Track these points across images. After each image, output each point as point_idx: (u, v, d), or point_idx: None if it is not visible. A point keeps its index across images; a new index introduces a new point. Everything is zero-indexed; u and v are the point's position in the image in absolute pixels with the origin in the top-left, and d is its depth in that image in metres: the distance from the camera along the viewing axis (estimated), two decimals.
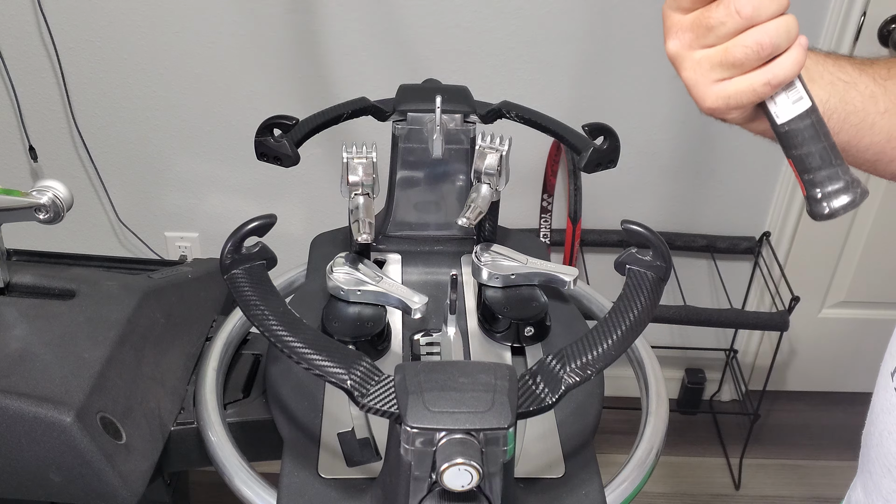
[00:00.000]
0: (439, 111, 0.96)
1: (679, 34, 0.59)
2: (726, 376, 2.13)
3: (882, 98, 0.63)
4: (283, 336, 0.67)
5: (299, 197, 1.82)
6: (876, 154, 0.64)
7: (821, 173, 0.58)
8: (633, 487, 0.80)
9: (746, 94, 0.57)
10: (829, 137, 0.58)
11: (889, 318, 2.00)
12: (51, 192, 0.92)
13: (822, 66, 0.62)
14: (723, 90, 0.58)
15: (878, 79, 0.63)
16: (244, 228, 0.73)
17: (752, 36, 0.55)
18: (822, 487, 1.94)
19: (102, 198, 1.82)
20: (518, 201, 1.81)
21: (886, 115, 0.63)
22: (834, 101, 0.62)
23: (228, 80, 1.67)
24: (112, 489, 0.82)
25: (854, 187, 0.57)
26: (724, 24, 0.55)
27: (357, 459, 0.75)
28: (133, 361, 0.93)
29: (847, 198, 0.57)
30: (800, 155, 0.58)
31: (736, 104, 0.58)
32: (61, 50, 1.62)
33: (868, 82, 0.63)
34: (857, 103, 0.62)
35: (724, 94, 0.58)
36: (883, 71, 0.64)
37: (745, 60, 0.55)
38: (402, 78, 1.09)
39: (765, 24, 0.54)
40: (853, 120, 0.63)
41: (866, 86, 0.62)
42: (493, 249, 0.99)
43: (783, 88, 0.57)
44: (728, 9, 0.54)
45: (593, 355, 0.65)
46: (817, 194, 0.58)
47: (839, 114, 0.62)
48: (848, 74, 0.63)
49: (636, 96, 1.69)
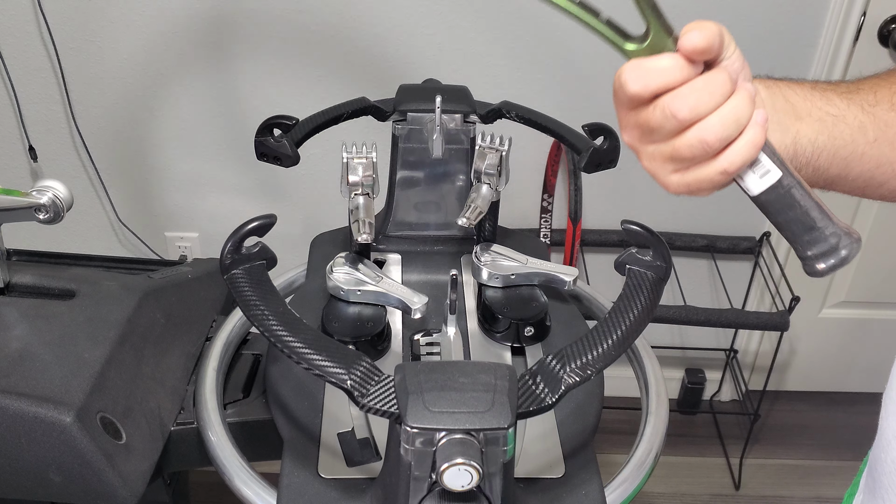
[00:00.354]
0: (439, 111, 0.96)
1: (629, 129, 0.58)
2: (726, 376, 2.13)
3: (871, 127, 0.61)
4: (283, 336, 0.67)
5: (299, 197, 1.82)
6: (866, 181, 0.63)
7: (805, 237, 0.57)
8: (633, 487, 0.80)
9: (705, 183, 0.56)
10: (810, 198, 0.56)
11: (889, 318, 2.01)
12: (51, 192, 0.92)
13: (809, 103, 0.61)
14: (682, 180, 0.57)
15: (865, 106, 0.62)
16: (244, 228, 0.73)
17: (694, 134, 0.53)
18: (822, 487, 1.94)
19: (102, 198, 1.82)
20: (518, 201, 1.81)
21: (875, 144, 0.61)
22: (823, 138, 0.60)
23: (228, 80, 1.67)
24: (112, 489, 0.82)
25: (844, 243, 0.56)
26: (663, 126, 0.54)
27: (357, 459, 0.76)
28: (133, 361, 0.93)
29: (837, 257, 0.56)
30: (780, 222, 0.57)
31: (698, 191, 0.57)
32: (61, 50, 1.62)
33: (857, 112, 0.61)
34: (847, 136, 0.61)
35: (683, 183, 0.57)
36: (870, 97, 0.62)
37: (694, 157, 0.54)
38: (402, 78, 1.09)
39: (708, 120, 0.53)
40: (842, 154, 0.61)
41: (855, 116, 0.61)
42: (493, 249, 0.99)
43: (748, 166, 0.56)
44: (664, 112, 0.53)
45: (593, 355, 0.65)
46: (808, 256, 0.57)
47: (828, 150, 0.61)
48: (836, 107, 0.61)
49: None
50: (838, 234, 0.56)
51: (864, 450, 0.74)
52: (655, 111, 0.54)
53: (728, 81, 0.53)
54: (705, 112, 0.53)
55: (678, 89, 0.53)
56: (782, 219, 0.57)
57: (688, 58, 0.53)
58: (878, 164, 0.62)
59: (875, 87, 0.63)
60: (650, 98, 0.54)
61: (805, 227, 0.56)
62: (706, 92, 0.53)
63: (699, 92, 0.53)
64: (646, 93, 0.54)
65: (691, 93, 0.53)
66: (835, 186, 0.63)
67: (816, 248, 0.56)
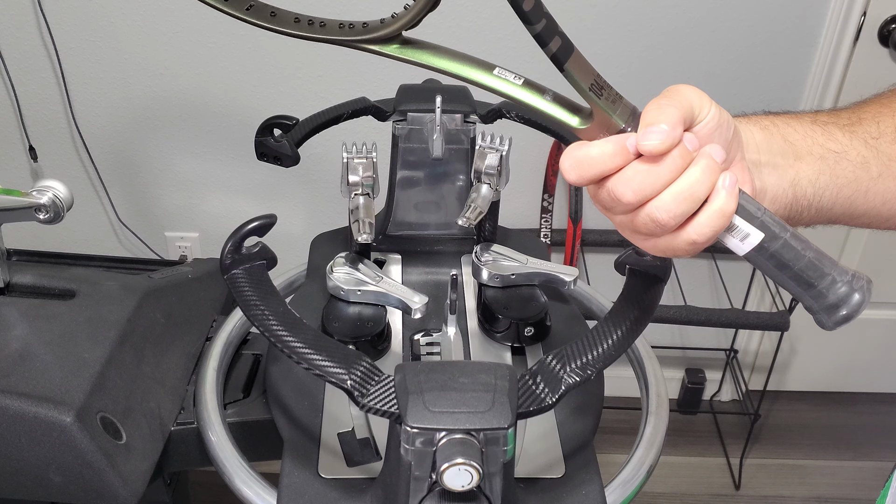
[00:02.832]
0: (439, 111, 0.96)
1: (593, 201, 0.54)
2: (726, 376, 2.13)
3: (874, 162, 0.58)
4: (283, 336, 0.67)
5: (299, 197, 1.82)
6: (871, 218, 0.61)
7: (807, 294, 0.52)
8: (633, 487, 0.80)
9: (678, 251, 0.52)
10: (804, 255, 0.51)
11: (889, 318, 2.01)
12: (51, 192, 0.92)
13: (810, 139, 0.57)
14: (654, 247, 0.53)
15: (868, 139, 0.59)
16: (244, 228, 0.73)
17: (647, 213, 0.50)
18: (822, 487, 1.94)
19: (102, 198, 1.82)
20: (518, 201, 1.81)
21: (880, 180, 0.59)
22: (824, 178, 0.57)
23: (228, 80, 1.67)
24: (112, 489, 0.82)
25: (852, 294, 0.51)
26: (614, 207, 0.51)
27: (357, 459, 0.75)
28: (133, 361, 0.93)
29: (847, 309, 0.51)
30: (776, 280, 0.53)
31: (674, 256, 0.54)
32: (61, 50, 1.62)
33: (859, 147, 0.58)
34: (849, 174, 0.58)
35: (657, 250, 0.53)
36: (872, 128, 0.59)
37: (652, 233, 0.51)
38: (402, 78, 1.09)
39: (660, 198, 0.49)
40: (846, 192, 0.58)
41: (858, 152, 0.58)
42: (493, 249, 0.99)
43: (725, 231, 0.51)
44: (610, 195, 0.50)
45: (593, 355, 0.65)
46: (814, 311, 0.53)
47: (831, 189, 0.58)
48: (838, 142, 0.58)
49: (636, 96, 1.68)
50: (844, 285, 0.51)
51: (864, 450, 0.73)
52: (603, 192, 0.51)
53: (678, 157, 0.49)
54: (654, 192, 0.49)
55: (623, 171, 0.50)
56: (777, 278, 0.53)
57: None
58: (883, 201, 0.60)
59: (877, 115, 0.60)
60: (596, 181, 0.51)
61: (804, 285, 0.52)
62: (652, 173, 0.49)
63: (644, 174, 0.49)
64: (583, 182, 0.51)
65: (635, 175, 0.49)
66: (839, 223, 0.61)
67: (820, 303, 0.52)
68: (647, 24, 1.60)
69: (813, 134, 0.58)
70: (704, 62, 1.65)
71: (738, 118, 0.57)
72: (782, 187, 0.56)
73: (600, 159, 0.50)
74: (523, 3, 0.46)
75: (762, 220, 0.51)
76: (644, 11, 1.59)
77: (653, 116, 0.49)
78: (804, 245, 0.52)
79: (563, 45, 0.49)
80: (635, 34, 1.61)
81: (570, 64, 0.50)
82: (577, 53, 0.50)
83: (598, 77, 0.51)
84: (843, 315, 0.52)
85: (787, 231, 0.51)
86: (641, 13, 1.59)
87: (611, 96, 0.51)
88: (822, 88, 1.66)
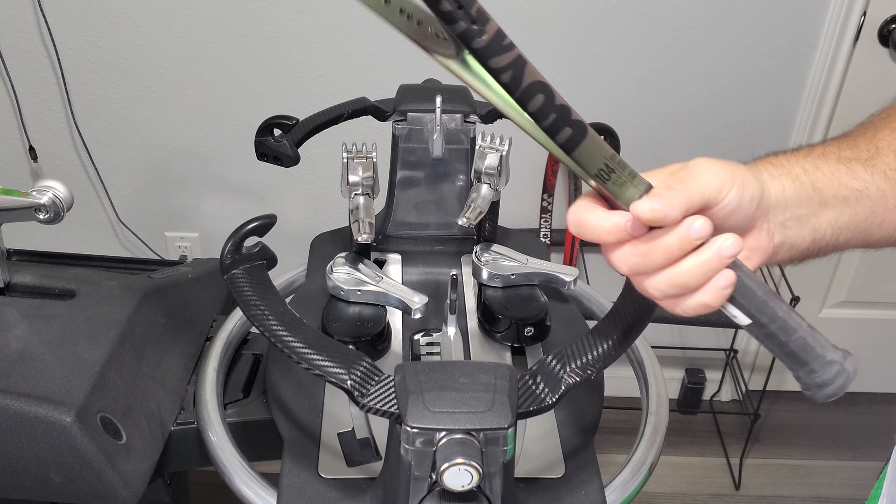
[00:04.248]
0: (439, 111, 0.96)
1: None
2: (726, 376, 2.13)
3: (891, 194, 0.59)
4: (283, 336, 0.67)
5: (299, 197, 1.82)
6: (884, 243, 0.62)
7: (798, 369, 0.55)
8: (633, 487, 0.80)
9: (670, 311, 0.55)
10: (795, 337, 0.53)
11: (889, 318, 2.01)
12: (51, 192, 0.92)
13: (836, 182, 0.58)
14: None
15: (888, 172, 0.60)
16: (244, 228, 0.73)
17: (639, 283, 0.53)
18: (822, 487, 1.94)
19: (102, 198, 1.82)
20: (518, 201, 1.81)
21: (894, 210, 0.60)
22: (844, 218, 0.58)
23: (228, 80, 1.67)
24: (112, 489, 0.82)
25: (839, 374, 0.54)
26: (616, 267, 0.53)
27: (357, 459, 0.75)
28: (133, 361, 0.93)
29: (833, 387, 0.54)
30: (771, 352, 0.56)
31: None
32: (61, 50, 1.62)
33: (879, 181, 0.59)
34: (867, 209, 0.59)
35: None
36: (890, 159, 0.60)
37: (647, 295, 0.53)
38: (402, 78, 1.09)
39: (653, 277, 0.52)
40: (862, 227, 0.59)
41: (878, 187, 0.59)
42: (493, 249, 0.99)
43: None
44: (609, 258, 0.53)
45: (593, 355, 0.65)
46: (804, 384, 0.56)
47: (849, 227, 0.59)
48: (860, 180, 0.59)
49: (636, 96, 1.69)
50: (833, 366, 0.54)
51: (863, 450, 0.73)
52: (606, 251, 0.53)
53: (675, 246, 0.50)
54: (647, 272, 0.51)
55: (622, 247, 0.51)
56: (771, 352, 0.55)
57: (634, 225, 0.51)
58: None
59: (893, 143, 0.61)
60: None
61: (796, 362, 0.55)
62: (648, 257, 0.50)
63: (640, 256, 0.51)
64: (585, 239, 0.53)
65: (632, 255, 0.51)
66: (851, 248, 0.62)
67: (810, 379, 0.55)
68: (648, 25, 1.60)
69: (839, 175, 0.58)
70: (705, 62, 1.65)
71: (772, 163, 0.57)
72: (802, 236, 0.58)
73: (597, 231, 0.51)
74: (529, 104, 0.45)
75: (752, 311, 0.54)
76: (644, 12, 1.59)
77: (658, 193, 0.50)
78: (797, 326, 0.54)
79: (574, 134, 0.48)
80: (635, 34, 1.61)
81: (577, 153, 0.50)
82: (590, 139, 0.49)
83: (611, 159, 0.51)
84: (830, 393, 0.54)
85: (777, 320, 0.54)
86: (642, 14, 1.59)
87: (621, 178, 0.51)
88: (823, 88, 1.66)
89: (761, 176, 0.55)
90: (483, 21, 0.41)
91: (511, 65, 0.43)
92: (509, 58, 0.43)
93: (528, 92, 0.44)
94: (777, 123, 1.73)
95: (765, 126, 1.73)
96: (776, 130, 1.74)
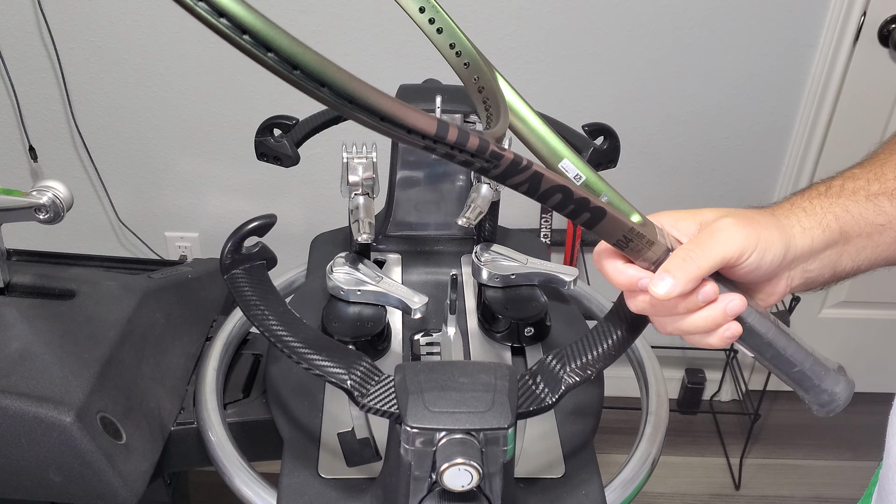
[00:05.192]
0: (439, 111, 0.96)
1: None
2: (726, 376, 2.12)
3: None
4: (283, 336, 0.67)
5: (299, 197, 1.82)
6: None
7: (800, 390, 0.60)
8: (633, 487, 0.80)
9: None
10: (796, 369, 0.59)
11: (889, 318, 2.01)
12: (51, 192, 0.92)
13: (862, 221, 0.59)
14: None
15: None
16: (244, 228, 0.73)
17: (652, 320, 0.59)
18: (822, 487, 1.94)
19: (102, 198, 1.82)
20: (518, 201, 1.80)
21: None
22: (866, 252, 0.61)
23: (228, 80, 1.67)
24: (112, 489, 0.82)
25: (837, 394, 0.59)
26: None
27: (357, 459, 0.75)
28: (133, 361, 0.93)
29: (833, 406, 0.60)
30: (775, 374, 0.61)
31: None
32: (61, 50, 1.62)
33: None
34: (889, 240, 0.61)
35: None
36: None
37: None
38: (402, 78, 1.09)
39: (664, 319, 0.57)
40: (883, 256, 0.61)
41: None
42: (493, 249, 0.99)
43: None
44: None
45: (593, 355, 0.65)
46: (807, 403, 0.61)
47: (869, 259, 0.61)
48: (885, 215, 0.60)
49: (636, 96, 1.69)
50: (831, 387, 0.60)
51: (864, 450, 0.74)
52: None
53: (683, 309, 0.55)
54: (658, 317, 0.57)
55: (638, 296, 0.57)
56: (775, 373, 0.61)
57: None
58: None
59: None
60: None
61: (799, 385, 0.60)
62: (658, 309, 0.56)
63: (651, 307, 0.56)
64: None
65: (645, 305, 0.56)
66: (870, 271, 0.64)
67: (810, 398, 0.60)
68: (648, 25, 1.60)
69: (866, 213, 0.60)
70: (705, 62, 1.65)
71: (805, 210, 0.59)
72: (823, 274, 0.60)
73: (614, 280, 0.57)
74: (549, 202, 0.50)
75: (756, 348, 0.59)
76: (644, 11, 1.59)
77: (673, 266, 0.54)
78: (798, 361, 0.59)
79: (592, 217, 0.52)
80: (635, 34, 1.61)
81: (597, 230, 0.53)
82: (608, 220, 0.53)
83: (631, 231, 0.54)
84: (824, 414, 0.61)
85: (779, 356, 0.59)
86: (642, 13, 1.59)
87: (639, 245, 0.54)
88: (823, 88, 1.66)
89: (791, 230, 0.57)
90: (497, 159, 0.46)
91: (527, 180, 0.48)
92: (524, 176, 0.48)
93: (546, 195, 0.49)
94: (777, 123, 1.73)
95: (765, 126, 1.73)
96: (776, 130, 1.74)
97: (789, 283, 0.58)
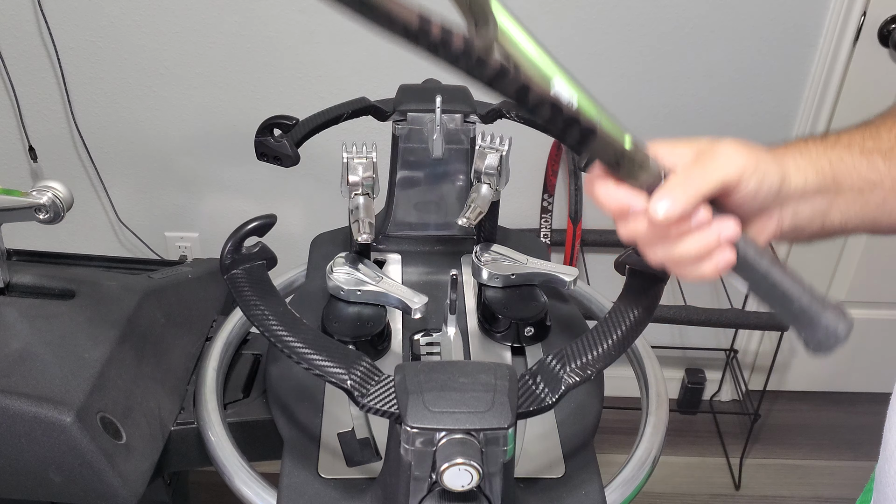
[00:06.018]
0: (439, 111, 0.96)
1: None
2: (726, 376, 2.13)
3: None
4: (283, 336, 0.67)
5: (299, 197, 1.82)
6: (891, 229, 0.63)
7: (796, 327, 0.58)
8: (633, 487, 0.80)
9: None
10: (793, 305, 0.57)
11: (889, 318, 2.01)
12: (51, 192, 0.92)
13: (855, 174, 0.59)
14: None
15: None
16: (244, 228, 0.73)
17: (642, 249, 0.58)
18: (822, 487, 1.94)
19: (102, 198, 1.82)
20: (518, 201, 1.81)
21: None
22: (856, 207, 0.60)
23: (228, 80, 1.67)
24: (112, 489, 0.82)
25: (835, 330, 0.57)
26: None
27: (357, 459, 0.75)
28: (133, 361, 0.93)
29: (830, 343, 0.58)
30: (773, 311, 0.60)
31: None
32: (61, 50, 1.62)
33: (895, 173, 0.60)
34: (879, 199, 0.60)
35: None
36: None
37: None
38: (402, 78, 1.09)
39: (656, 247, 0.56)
40: (871, 216, 0.61)
41: (893, 178, 0.60)
42: (493, 249, 0.99)
43: None
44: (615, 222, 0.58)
45: (593, 355, 0.65)
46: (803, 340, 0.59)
47: (858, 215, 0.61)
48: (877, 172, 0.60)
49: (636, 96, 1.69)
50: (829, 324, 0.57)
51: (864, 450, 0.74)
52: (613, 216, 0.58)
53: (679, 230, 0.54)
54: (651, 244, 0.56)
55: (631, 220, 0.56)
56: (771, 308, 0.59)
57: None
58: None
59: None
60: None
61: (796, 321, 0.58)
62: (650, 234, 0.55)
63: (646, 232, 0.55)
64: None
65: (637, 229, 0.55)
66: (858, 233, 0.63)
67: (807, 335, 0.58)
68: (647, 24, 1.60)
69: (859, 167, 0.60)
70: (704, 62, 1.65)
71: (801, 152, 0.58)
72: (812, 222, 0.59)
73: (606, 202, 0.56)
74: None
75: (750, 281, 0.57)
76: (644, 11, 1.59)
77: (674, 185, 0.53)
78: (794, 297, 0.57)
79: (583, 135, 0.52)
80: (635, 33, 1.61)
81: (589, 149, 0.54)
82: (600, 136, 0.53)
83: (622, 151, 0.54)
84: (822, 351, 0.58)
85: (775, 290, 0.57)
86: (641, 13, 1.59)
87: (631, 168, 0.54)
88: (823, 88, 1.66)
89: (787, 167, 0.57)
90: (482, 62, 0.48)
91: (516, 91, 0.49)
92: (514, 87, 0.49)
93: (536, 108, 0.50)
94: (777, 123, 1.73)
95: (765, 126, 1.73)
96: (776, 130, 1.74)
97: (780, 223, 0.58)
